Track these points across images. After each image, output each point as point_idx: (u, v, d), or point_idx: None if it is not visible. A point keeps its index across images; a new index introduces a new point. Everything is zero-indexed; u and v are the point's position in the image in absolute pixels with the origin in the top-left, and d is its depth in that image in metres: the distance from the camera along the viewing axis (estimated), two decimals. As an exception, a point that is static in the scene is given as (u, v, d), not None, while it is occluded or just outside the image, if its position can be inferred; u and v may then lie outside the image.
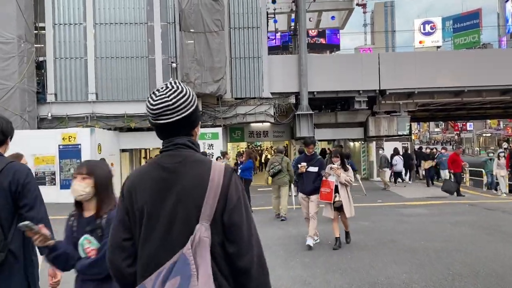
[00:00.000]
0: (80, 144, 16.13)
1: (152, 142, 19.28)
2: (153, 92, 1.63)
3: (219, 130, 18.75)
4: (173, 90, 1.61)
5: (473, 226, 8.36)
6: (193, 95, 1.65)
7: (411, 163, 19.81)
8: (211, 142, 18.67)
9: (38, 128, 17.47)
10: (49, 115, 17.84)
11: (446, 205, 11.62)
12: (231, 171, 1.59)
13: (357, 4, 31.41)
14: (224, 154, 12.07)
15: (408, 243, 6.92)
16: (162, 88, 1.62)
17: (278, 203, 9.98)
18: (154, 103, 1.59)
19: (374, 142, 22.19)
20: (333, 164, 6.82)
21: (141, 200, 1.56)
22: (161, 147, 1.67)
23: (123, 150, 19.33)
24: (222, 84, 18.04)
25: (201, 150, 1.98)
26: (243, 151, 12.24)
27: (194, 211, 1.49)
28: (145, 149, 23.18)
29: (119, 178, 18.81)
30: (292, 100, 19.55)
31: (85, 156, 16.11)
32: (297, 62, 19.76)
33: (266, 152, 28.65)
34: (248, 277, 1.51)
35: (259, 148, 37.09)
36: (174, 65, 18.37)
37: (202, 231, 1.44)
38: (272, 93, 19.46)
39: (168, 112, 1.58)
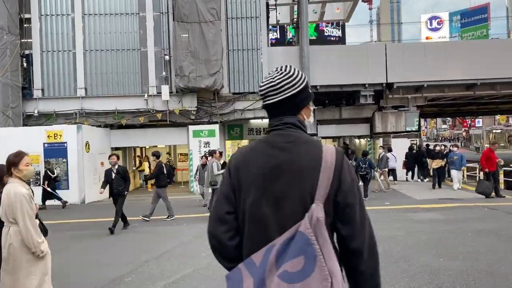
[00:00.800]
0: (66, 142, 15.14)
1: (145, 140, 18.28)
2: (265, 76, 1.69)
3: (216, 127, 17.66)
4: (280, 72, 1.68)
5: (498, 236, 7.18)
6: (300, 77, 1.69)
7: (423, 161, 18.59)
8: (208, 139, 17.60)
9: (24, 125, 16.47)
10: (36, 111, 16.83)
11: (462, 208, 10.46)
12: (342, 153, 1.59)
13: (363, 0, 30.14)
14: (212, 152, 10.96)
15: (424, 261, 5.72)
16: (272, 71, 1.71)
17: None
18: (262, 84, 1.70)
19: (381, 139, 21.02)
20: None
21: (249, 177, 1.59)
22: (270, 126, 1.69)
23: (115, 149, 18.27)
24: (218, 77, 16.93)
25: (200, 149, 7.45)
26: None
27: (308, 191, 1.50)
28: (140, 148, 22.16)
29: (110, 178, 17.79)
30: (294, 94, 18.37)
31: (72, 154, 15.13)
32: (299, 54, 18.61)
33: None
34: (360, 259, 1.51)
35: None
36: (167, 57, 17.29)
37: (318, 211, 1.45)
38: (272, 88, 18.31)
39: (272, 93, 1.65)
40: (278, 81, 1.63)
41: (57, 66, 17.23)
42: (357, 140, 26.49)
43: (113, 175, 9.27)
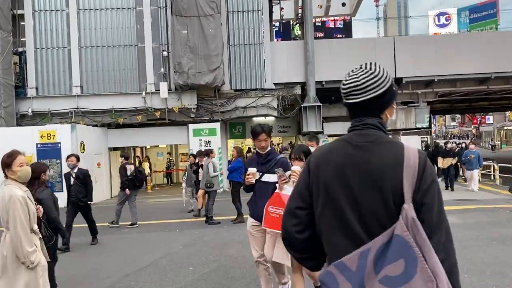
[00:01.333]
0: (60, 143, 14.48)
1: (143, 139, 17.58)
2: (348, 73, 1.67)
3: (217, 125, 16.93)
4: (365, 70, 1.62)
5: (526, 243, 6.37)
6: (386, 77, 1.62)
7: (436, 160, 17.69)
8: (209, 138, 16.87)
9: (18, 125, 15.85)
10: (30, 111, 16.20)
11: (482, 211, 9.62)
12: (425, 154, 1.54)
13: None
14: (208, 152, 10.13)
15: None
16: (356, 68, 1.66)
17: None
18: (345, 83, 1.65)
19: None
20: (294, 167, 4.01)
21: (328, 175, 1.58)
22: (350, 127, 1.69)
23: (113, 149, 17.63)
24: (219, 74, 16.18)
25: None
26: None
27: (389, 190, 1.46)
28: (141, 147, 21.50)
29: (108, 178, 17.17)
30: (298, 91, 17.61)
31: (66, 155, 14.41)
32: (303, 49, 17.81)
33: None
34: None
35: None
36: (165, 53, 16.58)
37: (412, 211, 1.41)
38: (275, 84, 17.57)
39: (356, 92, 1.61)
40: (362, 80, 1.60)
41: (51, 63, 16.59)
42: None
43: (72, 180, 7.95)
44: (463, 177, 16.50)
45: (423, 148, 18.26)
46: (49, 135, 14.44)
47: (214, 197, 9.56)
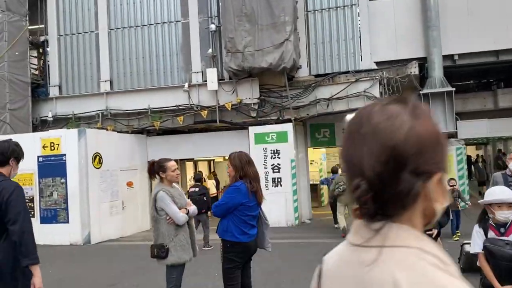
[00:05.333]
0: (65, 154, 10.48)
1: (190, 148, 12.89)
2: None
3: (288, 127, 11.59)
4: None
5: None
6: None
7: None
8: (277, 146, 11.59)
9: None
10: (50, 114, 12.71)
11: None
12: None
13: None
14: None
15: None
16: None
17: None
18: None
19: None
20: None
21: None
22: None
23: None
24: (287, 50, 10.86)
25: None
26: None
27: None
28: (208, 161, 16.99)
29: (146, 203, 12.83)
30: (414, 70, 11.35)
31: (72, 172, 10.41)
32: (421, 5, 11.58)
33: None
34: None
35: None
36: (212, 27, 11.77)
37: None
38: (377, 63, 11.62)
39: None
40: None
41: (76, 54, 13.00)
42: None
43: None
44: None
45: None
46: (52, 144, 10.57)
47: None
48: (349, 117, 1.04)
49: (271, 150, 11.65)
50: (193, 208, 3.94)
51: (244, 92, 11.64)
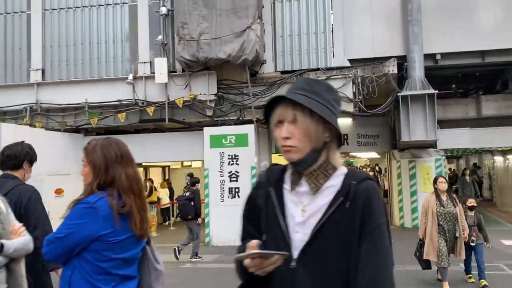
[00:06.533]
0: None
1: (137, 152, 11.00)
2: None
3: (249, 129, 10.02)
4: None
5: None
6: None
7: None
8: (235, 151, 10.01)
9: None
10: (-33, 108, 10.68)
11: None
12: None
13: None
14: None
15: None
16: None
17: None
18: None
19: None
20: None
21: None
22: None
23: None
24: (249, 39, 9.33)
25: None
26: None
27: None
28: (163, 167, 15.18)
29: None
30: (392, 68, 10.01)
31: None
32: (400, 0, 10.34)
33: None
34: None
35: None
36: (164, 10, 10.12)
37: None
38: (351, 61, 10.23)
39: None
40: None
41: (3, 36, 11.05)
42: (496, 158, 16.79)
43: None
44: None
45: None
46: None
47: None
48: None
49: (229, 155, 10.04)
50: (15, 243, 2.24)
51: (199, 87, 10.01)
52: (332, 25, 10.32)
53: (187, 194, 8.55)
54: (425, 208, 5.84)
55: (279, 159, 12.68)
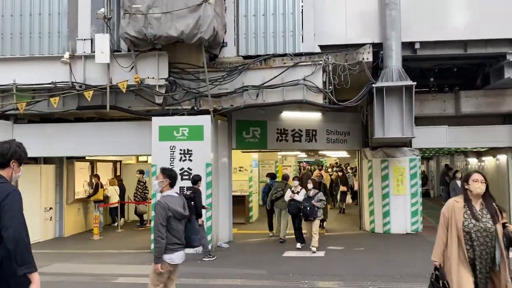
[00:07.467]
0: None
1: (74, 144, 9.61)
2: None
3: (205, 120, 8.74)
4: None
5: None
6: None
7: None
8: (189, 145, 8.72)
9: None
10: None
11: None
12: None
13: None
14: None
15: None
16: None
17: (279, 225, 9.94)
18: None
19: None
20: None
21: None
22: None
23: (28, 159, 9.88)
24: (205, 15, 8.03)
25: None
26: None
27: None
28: (114, 161, 13.66)
29: None
30: (367, 56, 8.94)
31: None
32: (376, -21, 9.27)
33: (320, 173, 16.97)
34: None
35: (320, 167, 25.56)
36: (106, -21, 8.70)
37: None
38: (322, 47, 9.09)
39: None
40: None
41: None
42: (470, 160, 16.12)
43: None
44: None
45: None
46: None
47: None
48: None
49: (181, 150, 8.75)
50: None
51: (147, 71, 8.63)
52: (302, 6, 9.15)
53: (188, 193, 7.90)
54: (445, 218, 3.72)
55: (244, 157, 11.46)
